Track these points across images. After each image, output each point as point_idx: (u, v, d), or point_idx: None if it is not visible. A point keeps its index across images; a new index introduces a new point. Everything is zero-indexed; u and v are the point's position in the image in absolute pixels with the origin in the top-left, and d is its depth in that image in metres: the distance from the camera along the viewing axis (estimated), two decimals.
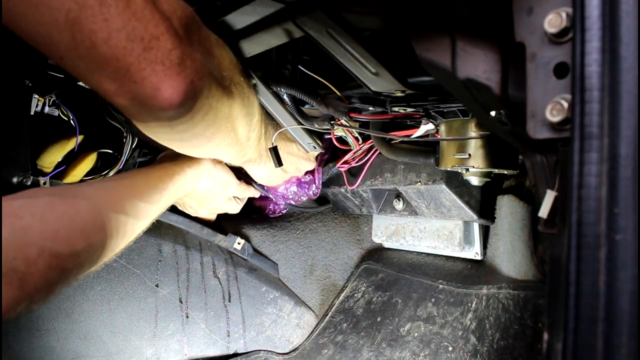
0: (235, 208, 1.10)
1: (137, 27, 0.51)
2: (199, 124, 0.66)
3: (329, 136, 1.04)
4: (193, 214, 1.10)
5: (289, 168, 1.05)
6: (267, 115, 0.93)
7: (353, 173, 1.09)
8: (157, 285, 1.05)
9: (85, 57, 0.51)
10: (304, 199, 1.14)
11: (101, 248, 0.63)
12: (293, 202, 1.16)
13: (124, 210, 0.68)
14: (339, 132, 0.98)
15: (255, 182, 1.11)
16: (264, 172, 1.00)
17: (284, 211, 1.26)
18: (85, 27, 0.48)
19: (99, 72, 0.52)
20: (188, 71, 0.57)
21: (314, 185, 1.12)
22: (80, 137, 1.01)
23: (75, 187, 0.67)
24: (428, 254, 1.12)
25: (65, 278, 0.56)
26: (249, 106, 0.81)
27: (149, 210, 0.75)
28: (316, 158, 1.11)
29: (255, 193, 1.11)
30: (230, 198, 1.07)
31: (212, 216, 1.13)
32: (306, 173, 1.12)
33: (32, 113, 0.91)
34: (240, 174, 1.07)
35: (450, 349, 0.88)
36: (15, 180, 0.89)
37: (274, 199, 1.16)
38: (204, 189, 0.97)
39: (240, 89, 0.76)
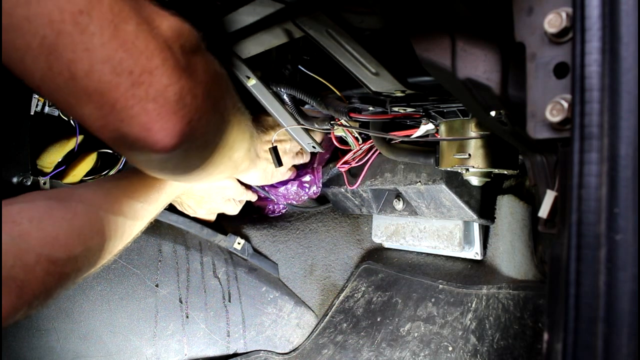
0: (233, 209, 1.09)
1: (125, 59, 0.44)
2: (195, 161, 0.61)
3: (329, 135, 1.04)
4: (192, 214, 1.09)
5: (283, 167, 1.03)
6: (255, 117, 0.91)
7: (353, 173, 1.09)
8: (157, 285, 1.05)
9: (64, 88, 0.45)
10: (305, 198, 1.14)
11: (99, 251, 0.63)
12: (294, 202, 1.16)
13: (121, 212, 0.68)
14: (339, 132, 0.98)
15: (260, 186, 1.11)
16: (255, 173, 0.97)
17: (283, 211, 1.26)
18: (63, 56, 0.42)
19: (80, 106, 0.46)
20: (186, 110, 0.49)
21: (314, 186, 1.13)
22: (80, 137, 1.01)
23: (73, 190, 0.66)
24: (428, 254, 1.12)
25: (63, 283, 0.56)
26: (245, 130, 0.76)
27: (146, 211, 0.75)
28: (314, 155, 1.11)
29: (253, 197, 1.11)
30: (228, 199, 1.07)
31: (211, 217, 1.13)
32: (306, 173, 1.12)
33: (32, 113, 0.91)
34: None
35: (450, 349, 0.88)
36: (15, 180, 0.89)
37: (274, 199, 1.16)
38: (201, 188, 0.96)
39: (239, 116, 0.70)
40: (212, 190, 0.99)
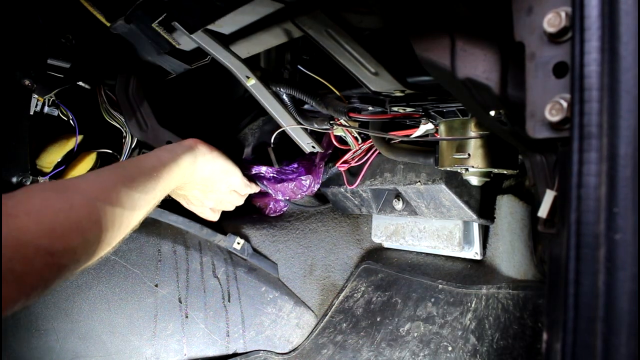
0: (237, 200, 1.07)
1: None
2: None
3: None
4: (198, 208, 1.06)
5: None
6: None
7: (353, 173, 1.09)
8: (156, 285, 1.05)
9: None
10: (301, 195, 1.14)
11: (97, 242, 0.63)
12: (289, 198, 1.15)
13: (119, 202, 0.67)
14: (338, 131, 0.98)
15: (259, 179, 1.10)
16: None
17: (285, 209, 1.26)
18: None
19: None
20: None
21: (313, 183, 1.11)
22: (79, 137, 1.01)
23: (69, 181, 0.66)
24: (428, 254, 1.12)
25: (61, 274, 0.56)
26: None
27: (144, 201, 0.75)
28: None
29: (256, 189, 1.10)
30: (232, 190, 1.05)
31: (215, 215, 1.12)
32: (307, 173, 1.11)
33: (31, 113, 0.91)
34: (244, 175, 1.07)
35: (450, 348, 0.88)
36: (14, 180, 0.89)
37: (273, 194, 1.15)
38: (204, 176, 0.95)
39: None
40: (215, 177, 0.97)
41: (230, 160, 0.97)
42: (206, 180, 0.96)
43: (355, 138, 0.99)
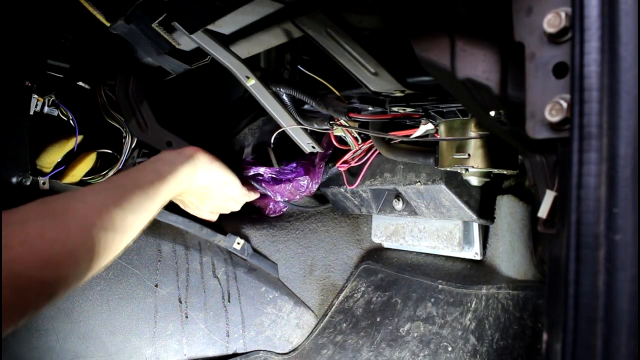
0: (235, 206, 1.08)
1: None
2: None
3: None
4: (194, 211, 1.07)
5: None
6: None
7: (352, 173, 1.09)
8: (156, 285, 1.05)
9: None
10: (299, 197, 1.14)
11: (87, 268, 0.63)
12: (290, 199, 1.15)
13: (113, 226, 0.67)
14: (338, 132, 0.98)
15: (257, 181, 1.10)
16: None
17: (284, 209, 1.26)
18: None
19: None
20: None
21: (311, 184, 1.11)
22: (79, 137, 1.01)
23: (67, 202, 0.64)
24: (427, 254, 1.12)
25: (52, 301, 0.57)
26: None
27: (138, 222, 0.74)
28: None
29: (255, 196, 1.10)
30: (230, 198, 1.05)
31: (213, 217, 1.12)
32: (305, 174, 1.11)
33: (31, 113, 0.91)
34: (243, 178, 1.06)
35: (450, 349, 0.88)
36: (14, 180, 0.88)
37: (272, 196, 1.15)
38: (202, 185, 0.95)
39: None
40: (213, 187, 0.97)
41: (230, 171, 0.97)
42: (204, 189, 0.96)
43: (355, 138, 0.99)
